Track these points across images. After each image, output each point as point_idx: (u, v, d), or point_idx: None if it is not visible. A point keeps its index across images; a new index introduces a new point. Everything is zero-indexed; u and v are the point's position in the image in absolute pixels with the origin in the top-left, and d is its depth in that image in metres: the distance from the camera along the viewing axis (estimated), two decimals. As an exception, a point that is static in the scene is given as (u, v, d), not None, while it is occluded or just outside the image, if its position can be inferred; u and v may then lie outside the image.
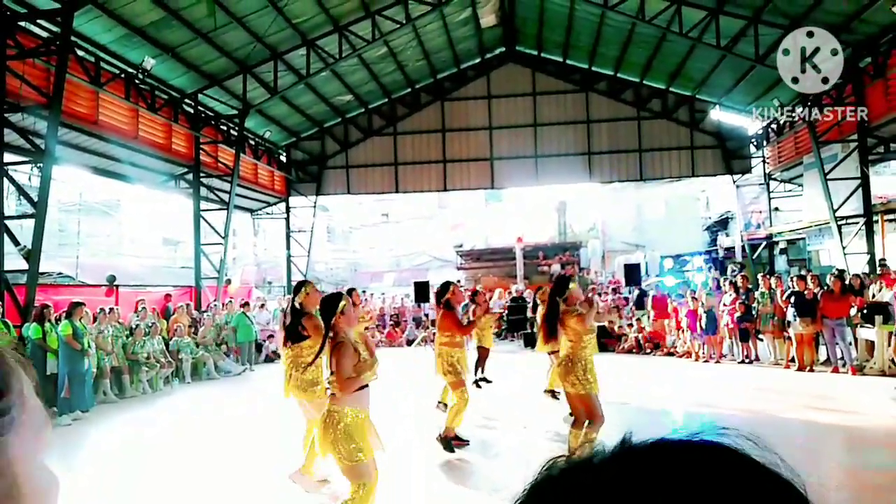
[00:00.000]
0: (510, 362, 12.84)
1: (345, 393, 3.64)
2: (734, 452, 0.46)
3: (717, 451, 0.47)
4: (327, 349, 3.83)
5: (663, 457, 0.47)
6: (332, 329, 3.80)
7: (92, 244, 23.10)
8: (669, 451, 0.48)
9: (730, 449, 0.47)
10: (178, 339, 12.53)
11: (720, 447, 0.47)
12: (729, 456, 0.46)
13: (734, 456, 0.46)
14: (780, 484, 0.45)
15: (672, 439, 0.48)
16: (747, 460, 0.46)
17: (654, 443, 0.49)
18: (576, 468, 0.49)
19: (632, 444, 0.49)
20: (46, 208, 10.28)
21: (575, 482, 0.48)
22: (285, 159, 21.95)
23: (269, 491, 5.33)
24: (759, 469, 0.45)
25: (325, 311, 3.88)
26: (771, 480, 0.45)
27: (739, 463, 0.46)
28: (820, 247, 19.25)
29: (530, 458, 6.23)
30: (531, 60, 21.23)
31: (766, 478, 0.45)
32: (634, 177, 21.78)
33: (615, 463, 0.48)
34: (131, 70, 13.38)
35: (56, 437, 5.07)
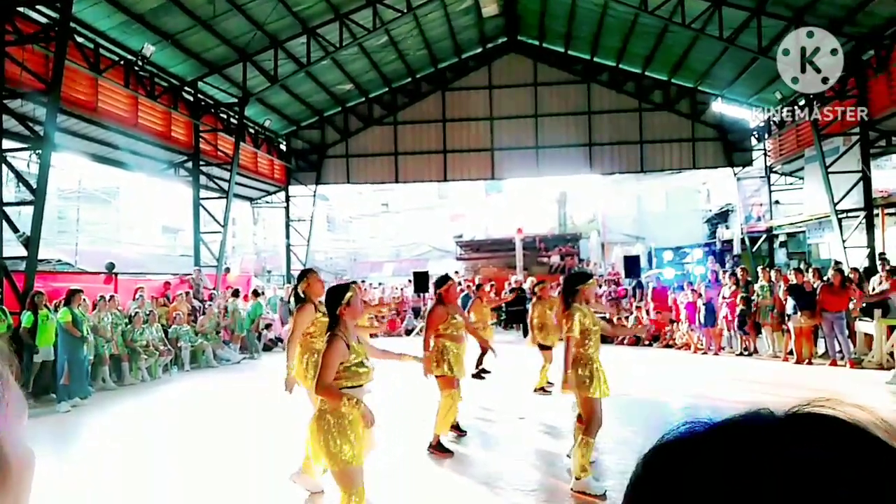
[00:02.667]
0: (509, 353, 12.85)
1: (315, 390, 3.55)
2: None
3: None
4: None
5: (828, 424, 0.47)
6: (337, 321, 3.67)
7: (91, 231, 23.08)
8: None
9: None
10: (178, 327, 12.54)
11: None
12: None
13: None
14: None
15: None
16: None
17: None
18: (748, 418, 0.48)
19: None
20: (45, 195, 10.24)
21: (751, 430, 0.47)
22: (285, 148, 21.88)
23: (268, 479, 5.34)
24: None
25: (330, 301, 3.74)
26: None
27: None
28: (820, 240, 19.24)
29: (527, 449, 6.24)
30: (533, 51, 21.12)
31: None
32: (635, 168, 21.72)
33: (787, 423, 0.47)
34: (131, 57, 13.30)
35: (55, 423, 5.11)
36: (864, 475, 0.42)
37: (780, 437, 0.45)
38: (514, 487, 4.99)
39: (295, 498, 4.88)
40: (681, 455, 0.48)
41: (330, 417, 3.47)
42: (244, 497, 5.02)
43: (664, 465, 0.48)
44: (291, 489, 4.98)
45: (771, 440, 0.45)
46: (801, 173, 18.98)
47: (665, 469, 0.48)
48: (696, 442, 0.48)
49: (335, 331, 3.63)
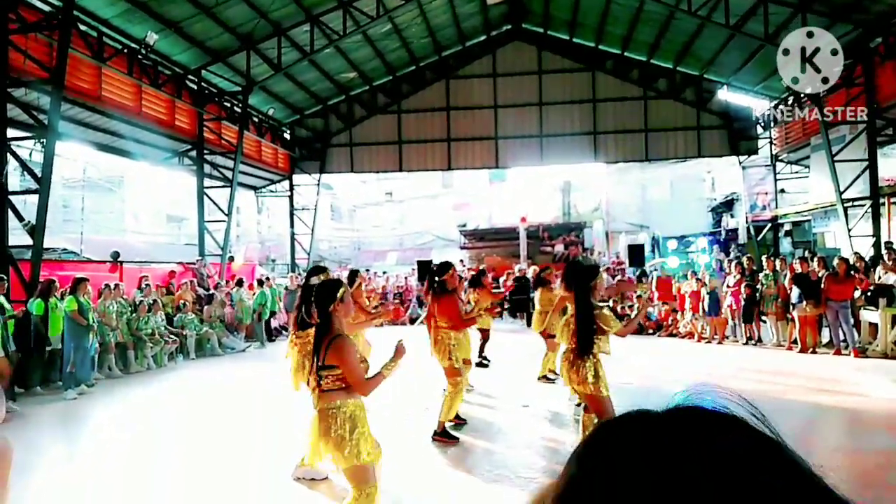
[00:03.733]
0: (512, 342, 12.89)
1: (362, 393, 3.40)
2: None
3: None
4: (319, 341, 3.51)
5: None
6: (329, 319, 3.47)
7: (96, 220, 23.11)
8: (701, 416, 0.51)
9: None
10: (183, 316, 12.59)
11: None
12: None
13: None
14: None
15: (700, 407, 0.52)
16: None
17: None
18: (635, 417, 0.53)
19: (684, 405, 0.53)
20: (50, 184, 10.26)
21: (636, 425, 0.52)
22: (289, 137, 21.86)
23: (272, 468, 5.38)
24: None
25: (321, 298, 3.50)
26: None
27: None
28: (825, 229, 19.18)
29: (531, 437, 6.27)
30: (537, 38, 21.00)
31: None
32: (640, 157, 21.65)
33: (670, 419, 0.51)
34: (134, 45, 13.28)
35: (61, 411, 5.13)
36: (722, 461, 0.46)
37: (659, 435, 0.50)
38: (518, 475, 5.02)
39: (298, 487, 4.91)
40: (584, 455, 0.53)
41: (337, 416, 3.35)
42: (248, 486, 5.06)
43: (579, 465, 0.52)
44: (294, 483, 5.01)
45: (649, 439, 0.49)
46: (806, 162, 18.90)
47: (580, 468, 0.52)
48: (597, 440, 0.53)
49: (332, 332, 3.42)
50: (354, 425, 3.35)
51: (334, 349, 3.35)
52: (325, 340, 3.40)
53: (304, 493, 4.76)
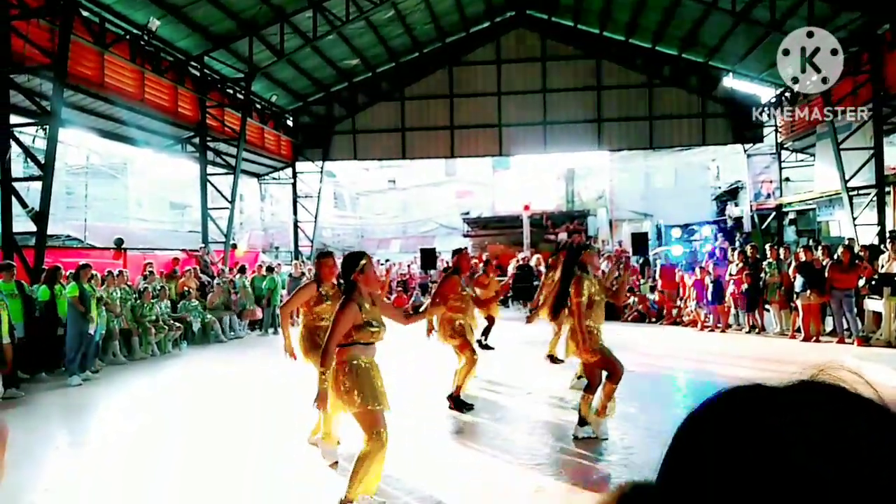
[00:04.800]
0: (515, 329, 12.90)
1: (324, 349, 3.74)
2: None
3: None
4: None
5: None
6: (352, 287, 3.87)
7: (99, 207, 23.13)
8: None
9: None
10: (186, 303, 12.63)
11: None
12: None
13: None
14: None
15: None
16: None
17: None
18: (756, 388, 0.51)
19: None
20: (53, 171, 10.28)
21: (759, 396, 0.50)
22: (292, 124, 21.80)
23: (277, 452, 5.41)
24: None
25: (345, 268, 3.95)
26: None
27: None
28: (830, 217, 19.09)
29: (535, 422, 6.29)
30: (541, 25, 20.85)
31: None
32: (644, 145, 21.56)
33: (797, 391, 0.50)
34: (136, 31, 13.22)
35: (66, 397, 5.14)
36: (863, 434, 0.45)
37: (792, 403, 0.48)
38: (521, 462, 5.04)
39: (303, 474, 4.94)
40: (704, 425, 0.50)
41: (346, 368, 3.73)
42: (252, 472, 5.09)
43: (690, 436, 0.51)
44: (299, 464, 5.05)
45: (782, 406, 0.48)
46: (812, 150, 18.79)
47: (690, 440, 0.50)
48: (716, 411, 0.51)
49: (350, 296, 3.80)
50: (362, 374, 3.74)
51: (338, 308, 3.80)
52: (339, 304, 3.86)
53: (310, 481, 4.79)
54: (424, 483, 4.59)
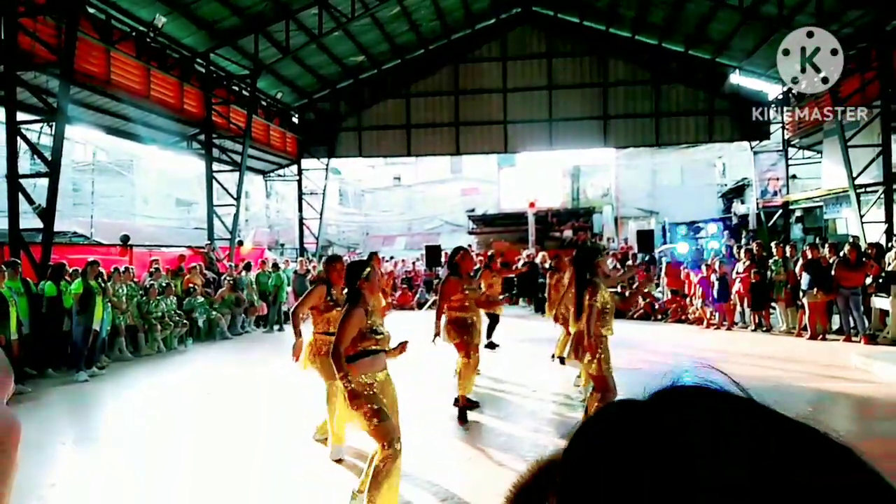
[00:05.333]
0: (521, 327, 12.89)
1: (330, 353, 3.70)
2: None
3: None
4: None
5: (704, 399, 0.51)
6: (355, 293, 3.84)
7: (106, 204, 23.21)
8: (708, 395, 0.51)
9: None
10: (192, 299, 12.67)
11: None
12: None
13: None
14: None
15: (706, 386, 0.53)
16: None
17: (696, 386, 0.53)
18: (626, 404, 0.52)
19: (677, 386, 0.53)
20: (60, 168, 10.31)
21: (625, 414, 0.51)
22: (297, 121, 21.81)
23: (284, 450, 5.42)
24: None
25: (350, 276, 3.95)
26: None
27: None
28: (837, 215, 18.99)
29: (540, 420, 6.29)
30: (547, 21, 20.78)
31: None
32: (650, 142, 21.48)
33: (662, 401, 0.51)
34: (142, 28, 13.25)
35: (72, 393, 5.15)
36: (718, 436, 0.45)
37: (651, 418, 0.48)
38: (528, 459, 5.02)
39: (310, 470, 4.95)
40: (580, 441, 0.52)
41: (361, 382, 3.66)
42: (258, 469, 5.10)
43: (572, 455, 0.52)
44: (306, 461, 5.06)
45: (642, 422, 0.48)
46: (819, 147, 18.69)
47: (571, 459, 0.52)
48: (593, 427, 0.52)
49: (355, 302, 3.77)
50: (373, 389, 3.66)
51: (343, 314, 3.74)
52: (344, 312, 3.81)
53: (316, 478, 4.80)
54: (431, 479, 4.59)
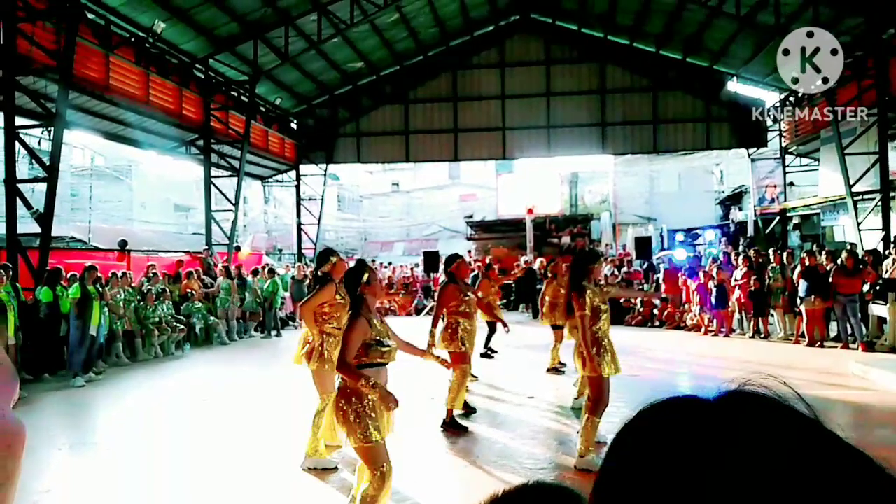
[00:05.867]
0: (518, 333, 12.88)
1: (336, 368, 3.55)
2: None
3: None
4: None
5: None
6: (358, 301, 3.66)
7: (104, 209, 23.21)
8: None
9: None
10: (190, 305, 12.65)
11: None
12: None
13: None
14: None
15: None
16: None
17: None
18: (688, 399, 0.54)
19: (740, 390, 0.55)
20: (58, 172, 10.30)
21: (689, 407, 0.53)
22: (296, 126, 21.83)
23: (280, 458, 5.40)
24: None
25: (349, 282, 3.76)
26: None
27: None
28: (834, 222, 19.04)
29: (536, 427, 6.27)
30: (545, 28, 20.86)
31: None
32: (648, 148, 21.53)
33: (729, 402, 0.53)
34: (142, 34, 13.27)
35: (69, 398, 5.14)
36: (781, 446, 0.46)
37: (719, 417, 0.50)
38: (524, 466, 5.02)
39: (307, 478, 4.93)
40: (640, 435, 0.52)
41: (352, 395, 3.42)
42: (256, 475, 5.08)
43: (622, 446, 0.53)
44: (302, 469, 5.04)
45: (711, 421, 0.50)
46: (816, 154, 18.74)
47: (622, 450, 0.53)
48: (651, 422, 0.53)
49: (358, 310, 3.61)
50: (366, 406, 3.40)
51: (347, 325, 3.56)
52: (346, 321, 3.63)
53: (313, 484, 4.78)
54: (423, 491, 4.57)
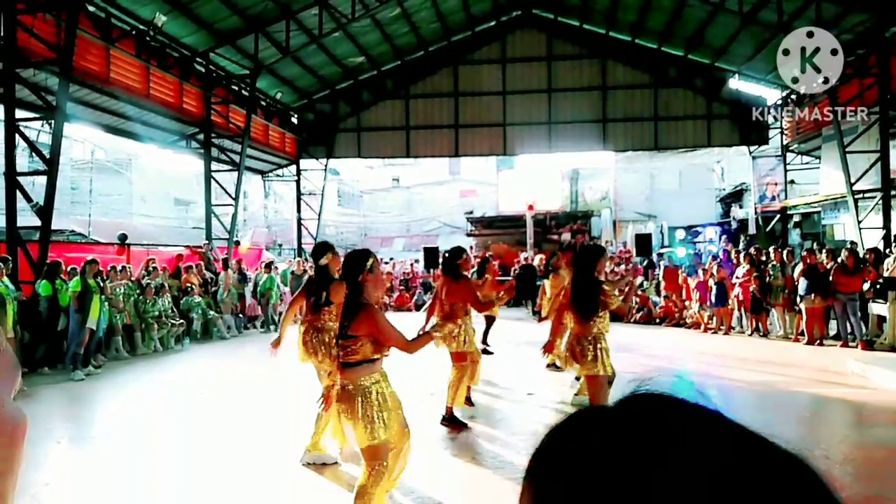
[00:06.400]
0: (517, 329, 12.88)
1: (408, 351, 3.43)
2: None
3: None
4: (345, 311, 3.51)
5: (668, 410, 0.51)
6: (359, 289, 3.47)
7: (104, 203, 23.20)
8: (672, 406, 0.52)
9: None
10: (189, 299, 12.64)
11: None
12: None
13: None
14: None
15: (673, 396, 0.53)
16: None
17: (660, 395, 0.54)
18: (588, 412, 0.55)
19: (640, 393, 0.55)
20: (58, 166, 10.28)
21: (586, 423, 0.54)
22: (297, 121, 21.80)
23: (279, 453, 5.40)
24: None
25: (350, 268, 3.52)
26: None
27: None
28: (835, 221, 19.03)
29: (535, 424, 6.27)
30: (547, 24, 20.82)
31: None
32: (649, 145, 21.50)
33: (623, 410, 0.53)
34: (142, 27, 13.22)
35: (67, 391, 5.13)
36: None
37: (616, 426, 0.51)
38: (522, 463, 5.01)
39: (306, 472, 4.93)
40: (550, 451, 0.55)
41: (359, 393, 3.32)
42: (255, 471, 5.08)
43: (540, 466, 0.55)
44: (300, 465, 5.04)
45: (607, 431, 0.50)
46: (817, 152, 18.71)
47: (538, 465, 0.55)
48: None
49: (360, 300, 3.42)
50: (375, 403, 3.33)
51: (364, 318, 3.34)
52: (352, 310, 3.41)
53: (312, 479, 4.77)
54: (420, 489, 4.56)
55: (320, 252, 5.23)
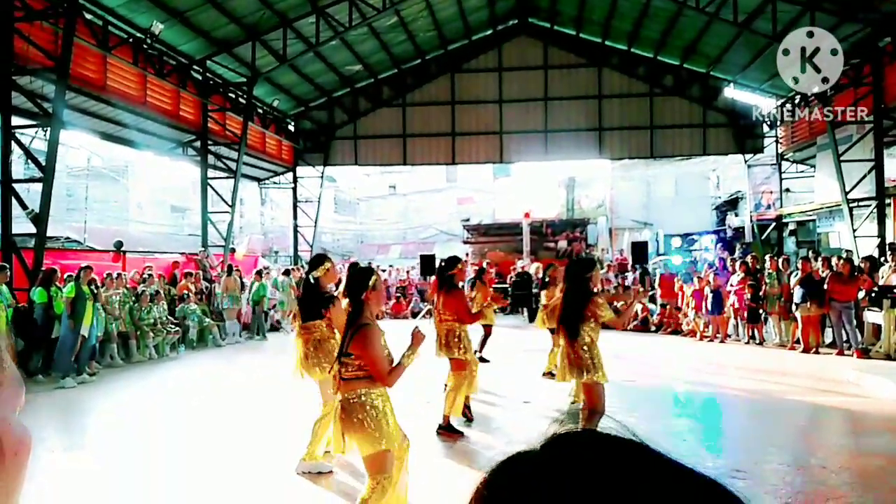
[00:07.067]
0: (514, 337, 12.87)
1: (386, 384, 3.42)
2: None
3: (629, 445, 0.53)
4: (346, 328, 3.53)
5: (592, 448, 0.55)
6: (360, 306, 3.50)
7: (100, 210, 23.14)
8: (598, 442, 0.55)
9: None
10: (185, 306, 12.61)
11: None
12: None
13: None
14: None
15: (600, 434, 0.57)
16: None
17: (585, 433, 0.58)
18: (517, 457, 0.58)
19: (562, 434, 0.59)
20: (54, 173, 10.27)
21: (515, 469, 0.57)
22: (293, 129, 21.82)
23: (275, 461, 5.37)
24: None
25: (354, 286, 3.56)
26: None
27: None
28: (830, 229, 19.09)
29: (531, 432, 6.24)
30: (544, 33, 20.91)
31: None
32: (645, 154, 21.59)
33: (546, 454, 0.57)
34: (140, 35, 13.23)
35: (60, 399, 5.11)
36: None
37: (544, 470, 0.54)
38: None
39: (302, 482, 4.91)
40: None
41: (359, 405, 3.35)
42: (251, 479, 5.06)
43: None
44: (295, 474, 5.01)
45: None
46: (812, 161, 18.81)
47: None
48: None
49: (361, 319, 3.43)
50: (376, 414, 3.36)
51: (359, 338, 3.38)
52: (353, 328, 3.43)
53: (308, 488, 4.75)
54: (418, 494, 4.54)
55: (316, 263, 5.20)
